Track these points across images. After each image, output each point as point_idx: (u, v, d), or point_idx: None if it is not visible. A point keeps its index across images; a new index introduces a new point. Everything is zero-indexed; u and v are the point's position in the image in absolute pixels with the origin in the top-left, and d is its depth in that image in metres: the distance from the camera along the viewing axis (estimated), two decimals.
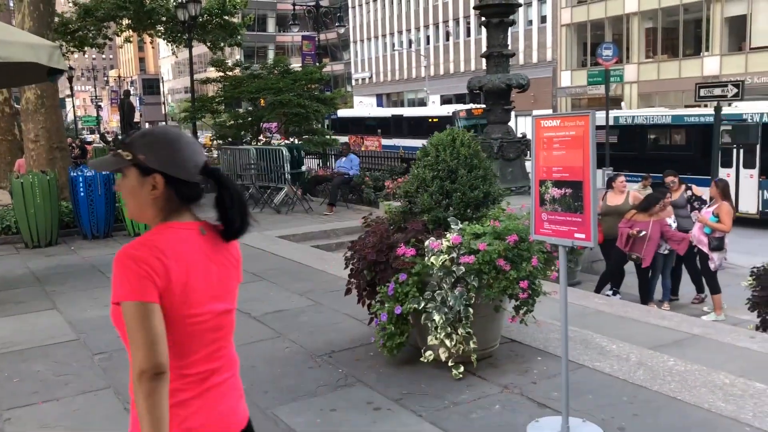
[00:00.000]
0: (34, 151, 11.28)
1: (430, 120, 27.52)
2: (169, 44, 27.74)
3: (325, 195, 13.85)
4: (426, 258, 4.37)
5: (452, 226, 4.50)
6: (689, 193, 9.37)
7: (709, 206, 8.44)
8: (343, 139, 29.32)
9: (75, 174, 10.44)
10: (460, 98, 42.99)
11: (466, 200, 4.65)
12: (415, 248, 4.47)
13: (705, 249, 8.15)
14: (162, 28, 25.23)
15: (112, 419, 4.00)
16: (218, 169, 1.92)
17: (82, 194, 10.33)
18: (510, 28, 11.01)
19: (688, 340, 5.58)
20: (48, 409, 4.18)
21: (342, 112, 36.72)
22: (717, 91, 14.13)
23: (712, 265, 8.15)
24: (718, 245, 8.16)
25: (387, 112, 32.65)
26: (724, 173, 14.27)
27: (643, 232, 7.93)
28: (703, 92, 14.34)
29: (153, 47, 47.96)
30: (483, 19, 10.94)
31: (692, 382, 4.25)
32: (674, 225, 8.45)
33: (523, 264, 4.34)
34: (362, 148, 29.90)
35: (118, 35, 25.61)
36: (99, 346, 5.33)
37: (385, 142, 30.28)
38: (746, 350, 5.35)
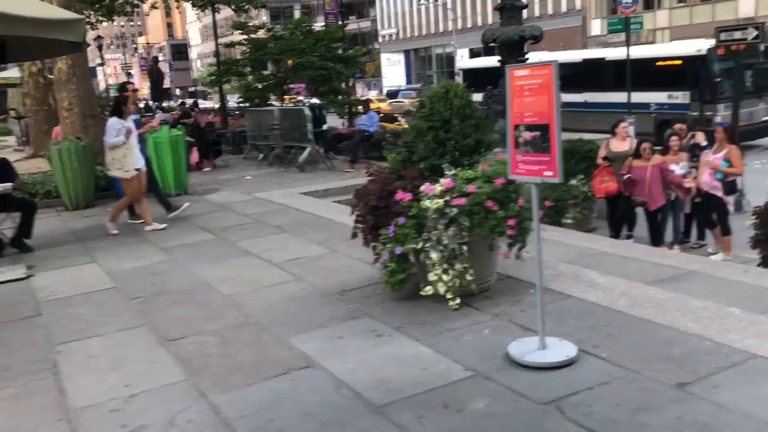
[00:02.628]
0: (68, 119, 11.89)
1: (660, 63, 19.58)
2: (195, 9, 28.08)
3: (348, 152, 14.27)
4: (422, 202, 4.79)
5: (446, 172, 4.90)
6: (693, 140, 9.55)
7: (714, 151, 8.62)
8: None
9: None
10: (488, 51, 42.59)
11: (459, 148, 5.03)
12: (413, 194, 4.89)
13: (719, 194, 8.38)
14: None
15: (148, 349, 4.58)
16: None
17: None
18: None
19: (684, 275, 5.90)
20: (92, 343, 4.77)
21: (479, 61, 28.34)
22: (737, 35, 14.04)
23: (730, 209, 8.43)
24: (732, 188, 8.42)
25: (573, 56, 23.32)
26: None
27: (627, 176, 8.22)
28: (723, 36, 14.26)
29: (180, 12, 48.42)
30: None
31: (668, 307, 4.63)
32: (680, 171, 8.66)
33: (510, 204, 4.73)
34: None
35: (143, 1, 26.01)
36: (135, 292, 5.92)
37: (569, 98, 21.37)
38: (738, 283, 5.66)
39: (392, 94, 47.89)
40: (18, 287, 6.32)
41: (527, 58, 11.86)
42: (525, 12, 11.43)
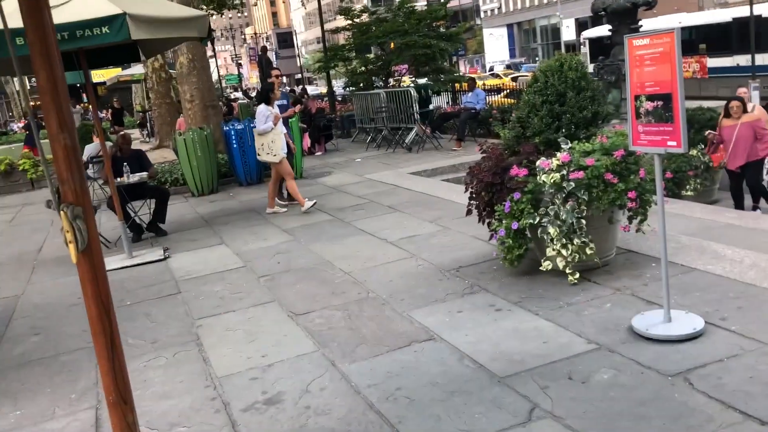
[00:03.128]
0: (190, 110, 12.62)
1: None
2: None
3: (454, 131, 14.29)
4: (538, 177, 4.80)
5: (562, 146, 4.87)
6: None
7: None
8: None
9: (227, 128, 11.65)
10: (596, 21, 41.02)
11: (576, 121, 4.99)
12: (528, 168, 4.90)
13: None
14: None
15: (279, 322, 4.89)
16: None
17: (235, 146, 11.53)
18: None
19: None
20: (228, 317, 5.15)
21: (605, 29, 26.79)
22: None
23: None
24: None
25: (719, 15, 21.09)
26: None
27: (710, 134, 7.77)
28: None
29: (284, 1, 49.74)
30: None
31: None
32: None
33: (630, 176, 4.66)
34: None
35: None
36: (262, 270, 6.29)
37: (718, 62, 20.17)
38: None
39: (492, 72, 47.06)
40: (157, 268, 6.87)
41: (641, 26, 11.42)
42: None
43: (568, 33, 53.55)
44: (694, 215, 6.99)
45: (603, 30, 21.60)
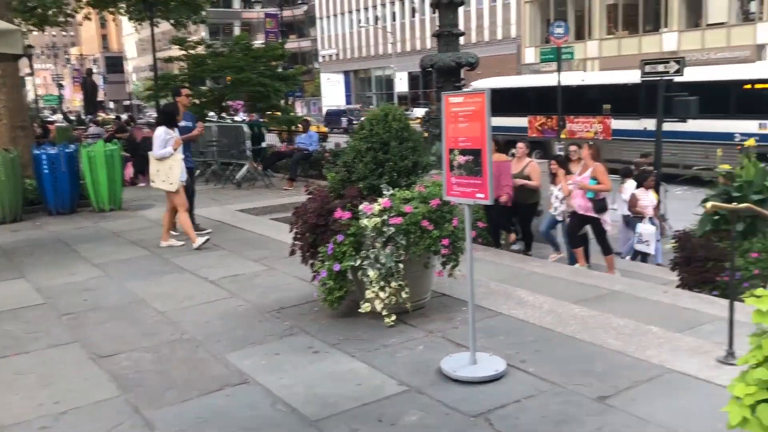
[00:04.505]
0: None
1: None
2: (132, 21, 27.63)
3: (286, 171, 14.30)
4: (360, 220, 4.91)
5: (384, 192, 5.04)
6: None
7: (580, 172, 8.46)
8: (518, 120, 21.98)
9: (38, 152, 10.75)
10: (426, 75, 43.41)
11: (398, 169, 5.18)
12: (351, 212, 5.00)
13: (592, 214, 8.26)
14: (124, 4, 25.13)
15: (80, 365, 4.51)
16: None
17: (46, 171, 10.65)
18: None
19: (608, 295, 6.21)
20: (20, 360, 4.66)
21: (513, 80, 26.71)
22: (660, 68, 14.80)
23: (607, 228, 8.40)
24: (603, 206, 8.30)
25: (627, 76, 19.02)
26: None
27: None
28: (647, 68, 15.01)
29: (116, 24, 47.51)
30: None
31: (591, 324, 4.88)
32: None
33: (445, 224, 4.91)
34: (562, 135, 19.84)
35: (77, 12, 25.45)
36: (66, 308, 5.80)
37: (621, 125, 19.21)
38: (657, 302, 5.99)
39: (332, 113, 48.09)
40: None
41: (464, 84, 12.25)
42: (462, 39, 11.77)
43: (401, 85, 56.21)
44: (503, 262, 7.52)
45: (495, 82, 23.53)
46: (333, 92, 64.12)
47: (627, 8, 39.51)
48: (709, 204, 4.85)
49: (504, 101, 20.94)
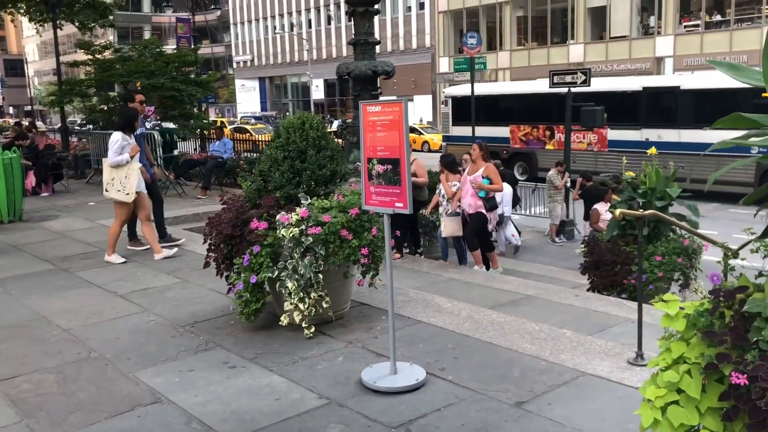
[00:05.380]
0: None
1: None
2: (33, 23, 26.27)
3: (200, 179, 13.93)
4: (278, 231, 4.81)
5: (302, 202, 4.96)
6: None
7: (470, 171, 8.47)
8: (489, 130, 20.19)
9: None
10: (342, 83, 43.51)
11: (315, 178, 5.12)
12: (268, 222, 4.90)
13: (483, 211, 8.29)
14: (24, 5, 23.86)
15: None
16: None
17: None
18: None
19: (523, 299, 6.35)
20: None
21: (487, 87, 24.49)
22: (568, 78, 15.39)
23: (490, 226, 8.58)
24: (494, 205, 8.45)
25: (629, 83, 19.66)
26: None
27: None
28: (556, 79, 15.57)
29: (15, 26, 44.99)
30: (349, 8, 11.39)
31: (508, 330, 4.96)
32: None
33: (364, 234, 4.88)
34: (548, 146, 20.17)
35: None
36: None
37: (618, 135, 18.79)
38: (569, 306, 6.17)
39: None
40: None
41: (380, 93, 12.30)
42: (378, 47, 11.83)
43: (317, 92, 56.05)
44: (421, 269, 7.57)
45: (465, 89, 20.08)
46: (248, 98, 63.22)
47: (536, 20, 40.97)
48: (617, 211, 5.02)
49: (483, 109, 20.11)
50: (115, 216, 7.71)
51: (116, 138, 7.51)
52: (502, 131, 21.67)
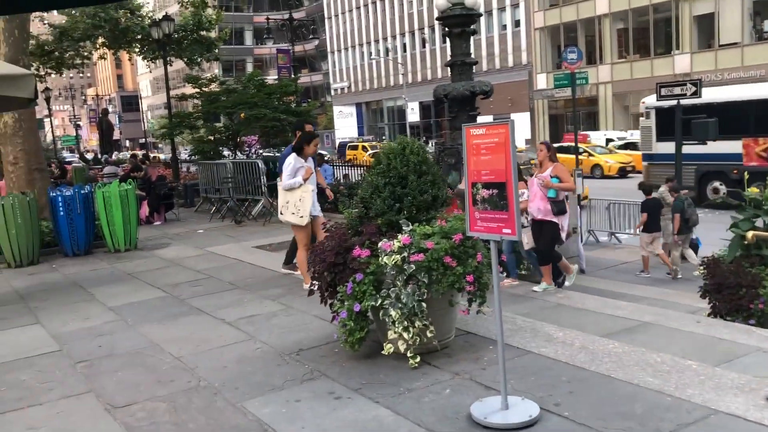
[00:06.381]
0: (13, 174, 11.55)
1: None
2: (147, 61, 27.99)
3: None
4: (380, 258, 4.74)
5: (404, 228, 4.87)
6: None
7: (538, 172, 7.79)
8: (707, 146, 15.16)
9: (54, 194, 10.73)
10: (438, 105, 43.56)
11: (417, 204, 5.02)
12: (370, 249, 4.84)
13: (551, 218, 7.57)
14: (138, 45, 25.49)
15: (95, 417, 4.33)
16: None
17: (62, 213, 10.62)
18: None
19: (638, 327, 5.95)
20: (33, 412, 4.50)
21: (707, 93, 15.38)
22: (677, 90, 14.65)
23: (563, 235, 7.75)
24: (562, 208, 7.65)
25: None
26: None
27: None
28: (664, 91, 14.86)
29: (132, 63, 48.30)
30: (445, 29, 11.35)
31: (627, 361, 4.64)
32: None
33: (468, 260, 4.72)
34: None
35: (92, 54, 25.86)
36: (81, 355, 5.65)
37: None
38: (691, 334, 5.73)
39: (345, 146, 48.29)
40: None
41: (479, 113, 12.13)
42: (474, 67, 11.70)
43: (412, 115, 56.45)
44: (527, 294, 7.29)
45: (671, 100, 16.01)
46: (346, 124, 64.54)
47: (638, 32, 39.57)
48: (750, 233, 4.61)
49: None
50: (297, 242, 7.67)
51: (290, 161, 7.43)
52: (729, 146, 17.18)
